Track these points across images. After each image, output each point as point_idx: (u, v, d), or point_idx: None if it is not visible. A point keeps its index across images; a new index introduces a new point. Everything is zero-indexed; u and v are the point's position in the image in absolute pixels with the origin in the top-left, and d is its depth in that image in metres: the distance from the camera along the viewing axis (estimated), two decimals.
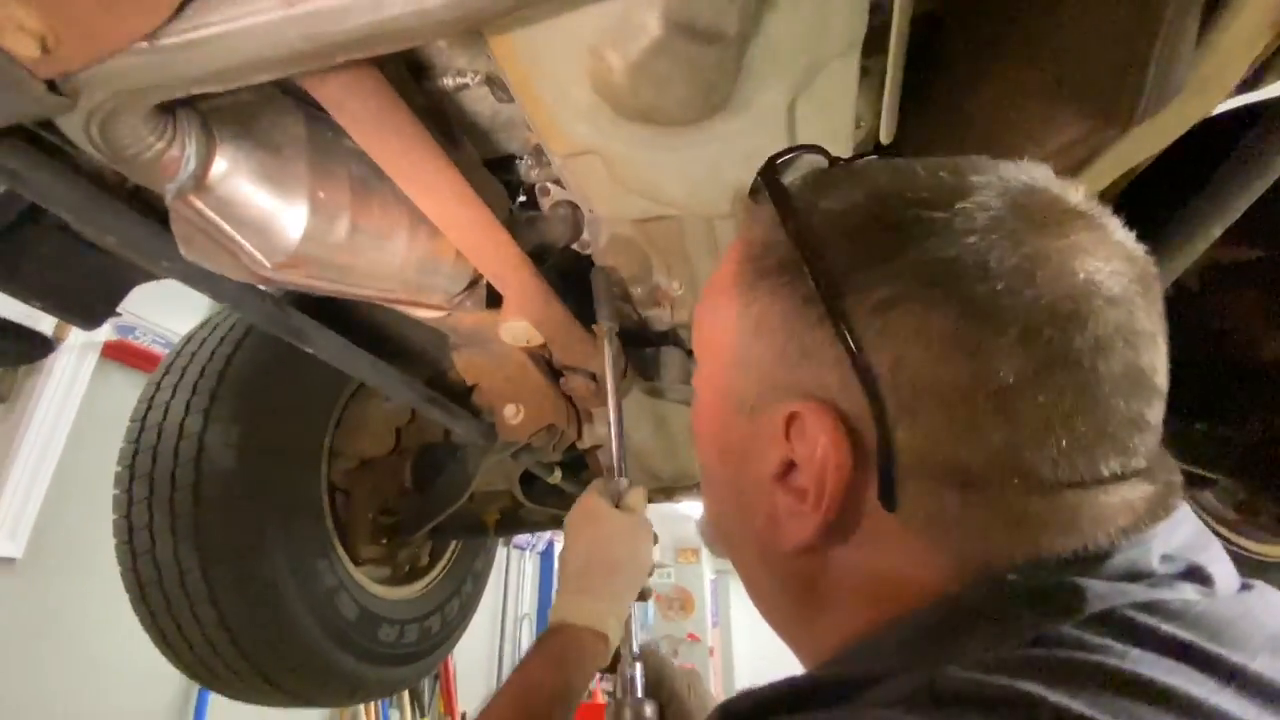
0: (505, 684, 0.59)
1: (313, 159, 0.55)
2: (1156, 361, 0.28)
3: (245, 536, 1.00)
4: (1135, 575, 0.27)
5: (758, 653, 6.76)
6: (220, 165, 0.50)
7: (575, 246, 0.94)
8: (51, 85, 0.35)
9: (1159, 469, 0.29)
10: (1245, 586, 0.30)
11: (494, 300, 0.86)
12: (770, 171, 0.34)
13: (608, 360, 0.79)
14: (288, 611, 1.02)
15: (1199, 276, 1.09)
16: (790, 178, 0.35)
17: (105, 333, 2.20)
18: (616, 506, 0.72)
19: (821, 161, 0.39)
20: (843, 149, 0.64)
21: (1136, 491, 0.28)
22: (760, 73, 0.51)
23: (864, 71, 0.65)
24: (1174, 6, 0.42)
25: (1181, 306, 1.17)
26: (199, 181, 0.49)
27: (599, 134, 0.56)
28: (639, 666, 0.67)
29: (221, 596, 0.97)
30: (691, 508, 1.52)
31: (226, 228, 0.53)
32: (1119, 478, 0.27)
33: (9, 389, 2.04)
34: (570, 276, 1.09)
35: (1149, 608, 0.26)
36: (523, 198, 0.90)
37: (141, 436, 1.05)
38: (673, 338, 1.20)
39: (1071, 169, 0.68)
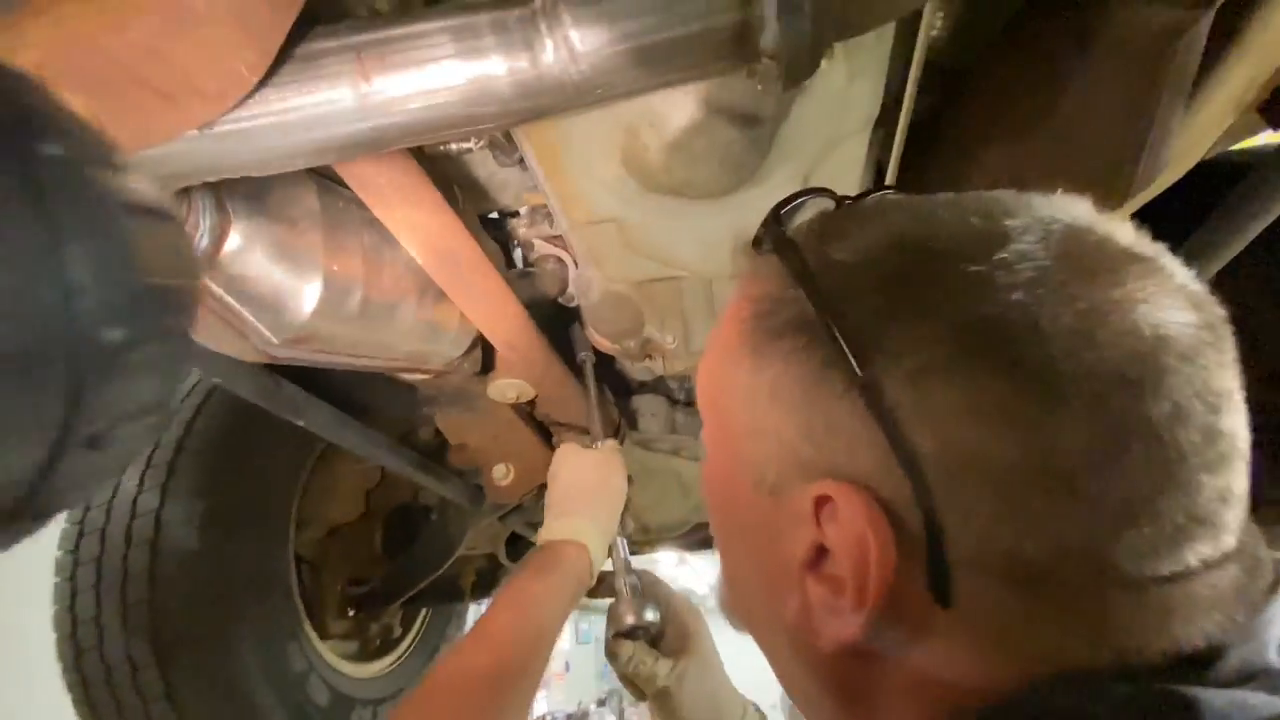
0: (496, 596, 0.62)
1: (327, 231, 0.53)
2: (1237, 423, 0.24)
3: (208, 624, 0.92)
4: (1250, 676, 0.23)
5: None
6: (233, 242, 0.47)
7: (561, 299, 0.94)
8: None
9: (1248, 542, 0.25)
10: None
11: (488, 361, 0.84)
12: (776, 222, 0.30)
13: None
14: (255, 705, 0.93)
15: None
16: (794, 225, 0.31)
17: None
18: None
19: (827, 204, 0.33)
20: None
21: (1228, 576, 0.24)
22: (784, 150, 0.53)
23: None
24: (1167, 95, 0.46)
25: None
26: (210, 260, 0.46)
27: (622, 205, 0.56)
28: (634, 578, 0.72)
29: (180, 695, 0.88)
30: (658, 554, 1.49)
31: (236, 305, 0.49)
32: (1210, 565, 0.23)
33: None
34: (554, 323, 1.08)
35: None
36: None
37: (87, 517, 0.95)
38: (656, 388, 1.20)
39: None
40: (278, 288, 0.50)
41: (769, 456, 0.28)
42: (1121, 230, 0.26)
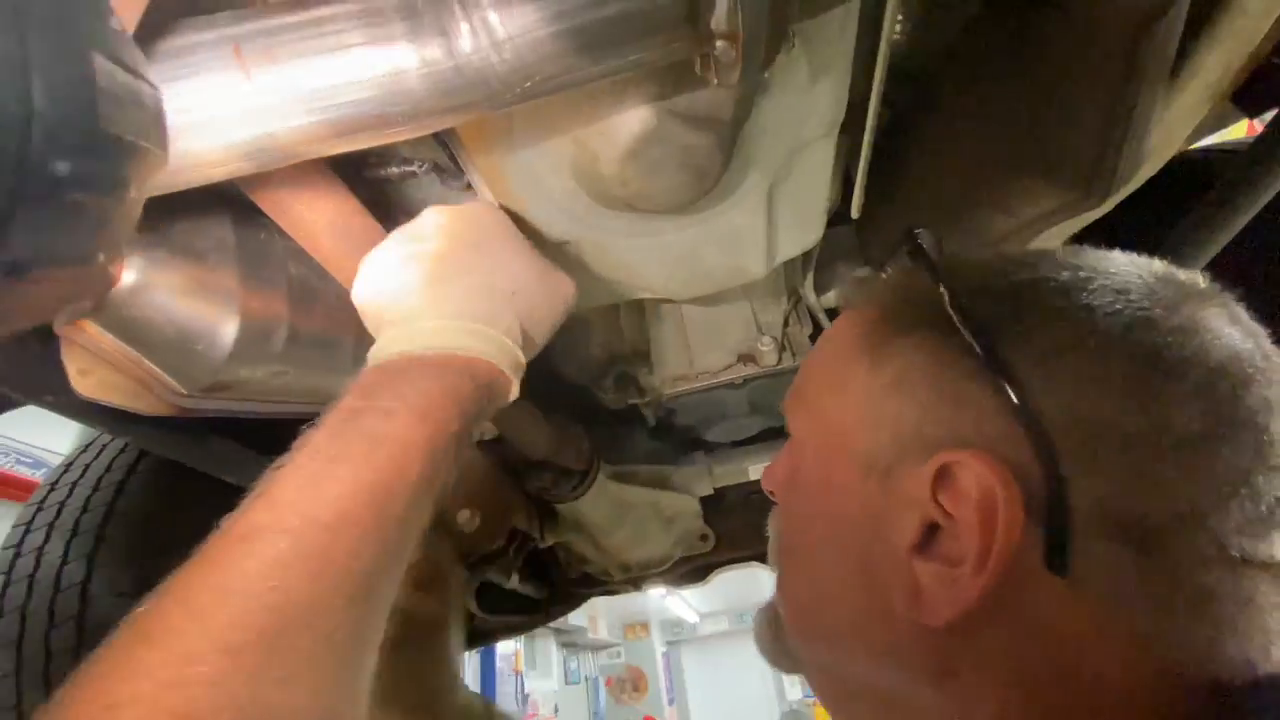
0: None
1: (244, 265, 0.47)
2: None
3: None
4: None
5: None
6: (126, 280, 0.41)
7: None
8: None
9: None
10: None
11: None
12: (912, 237, 0.33)
13: None
14: None
15: None
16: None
17: None
18: None
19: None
20: (819, 226, 0.63)
21: None
22: (747, 157, 0.49)
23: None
24: (1145, 88, 0.44)
25: None
26: (99, 302, 0.40)
27: (577, 224, 0.52)
28: None
29: None
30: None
31: (133, 353, 0.43)
32: None
33: None
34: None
35: None
36: None
37: (8, 591, 0.85)
38: (633, 416, 1.15)
39: (1034, 233, 0.70)
40: (184, 331, 0.44)
41: (883, 443, 0.30)
42: (1199, 278, 0.30)
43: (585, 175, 0.46)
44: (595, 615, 6.17)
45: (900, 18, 0.61)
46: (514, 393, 0.42)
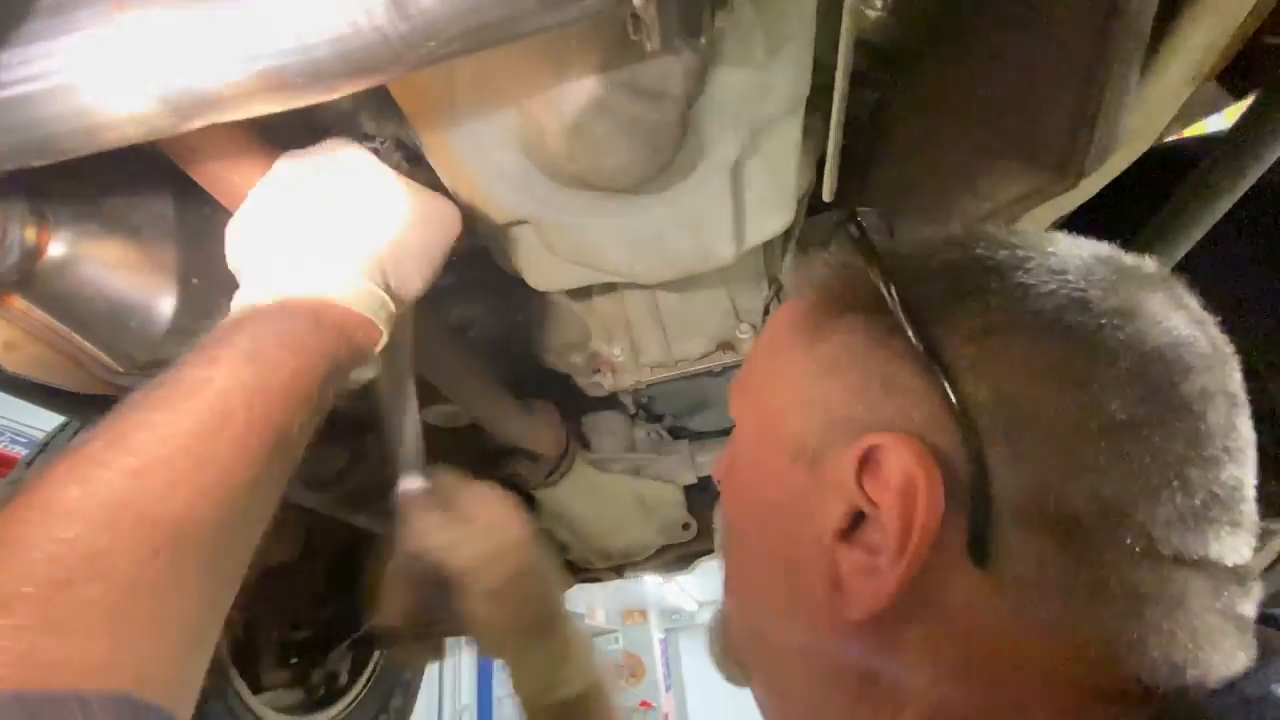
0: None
1: (183, 239, 0.46)
2: (1249, 430, 0.26)
3: None
4: None
5: (715, 715, 6.52)
6: (56, 253, 0.40)
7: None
8: None
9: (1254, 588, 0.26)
10: None
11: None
12: (852, 218, 0.32)
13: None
14: None
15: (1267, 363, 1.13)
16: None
17: None
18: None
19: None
20: (789, 208, 0.61)
21: (1244, 606, 0.25)
22: (706, 134, 0.47)
23: (806, 132, 0.63)
24: (1117, 64, 0.42)
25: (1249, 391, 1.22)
26: (25, 276, 0.39)
27: (531, 201, 0.50)
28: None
29: None
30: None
31: (63, 328, 0.42)
32: (1232, 573, 0.24)
33: None
34: (496, 343, 1.01)
35: None
36: None
37: None
38: (613, 404, 1.14)
39: (1011, 218, 0.68)
40: (117, 306, 0.43)
41: (812, 427, 0.29)
42: (1146, 261, 0.29)
43: (533, 149, 0.44)
44: (594, 604, 6.21)
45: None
46: (382, 334, 0.40)
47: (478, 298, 0.89)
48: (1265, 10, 0.49)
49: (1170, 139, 0.77)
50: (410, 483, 0.54)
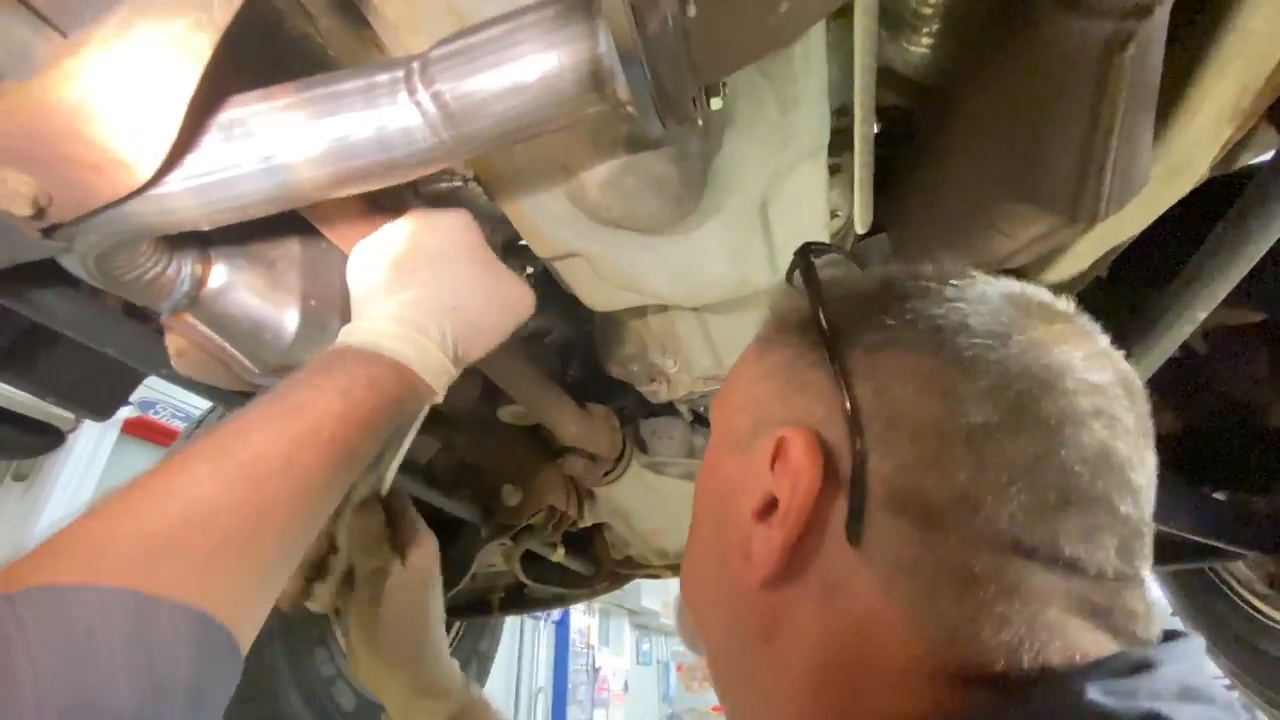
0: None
1: (305, 269, 0.57)
2: (1135, 457, 0.28)
3: None
4: (1191, 696, 0.25)
5: None
6: (214, 283, 0.53)
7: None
8: (49, 232, 0.37)
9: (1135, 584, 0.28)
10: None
11: (492, 384, 0.87)
12: (804, 254, 0.37)
13: None
14: (282, 705, 1.00)
15: (1205, 338, 1.07)
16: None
17: (125, 410, 2.26)
18: None
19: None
20: (820, 239, 0.65)
21: (1111, 604, 0.27)
22: (729, 181, 0.53)
23: (837, 168, 0.67)
24: (1124, 113, 0.43)
25: (1188, 370, 1.15)
26: (193, 299, 0.52)
27: (579, 239, 0.58)
28: None
29: None
30: None
31: (217, 339, 0.55)
32: (1085, 572, 0.26)
33: (29, 468, 2.09)
34: (568, 349, 1.10)
35: None
36: None
37: None
38: (672, 411, 1.20)
39: (1046, 256, 0.69)
40: (257, 322, 0.55)
41: (748, 424, 0.35)
42: (1063, 302, 0.33)
43: (576, 198, 0.52)
44: (669, 601, 6.28)
45: (925, 31, 0.61)
46: (439, 394, 0.48)
47: (552, 310, 0.99)
48: None
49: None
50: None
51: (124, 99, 0.32)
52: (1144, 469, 0.29)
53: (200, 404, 2.42)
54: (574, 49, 0.31)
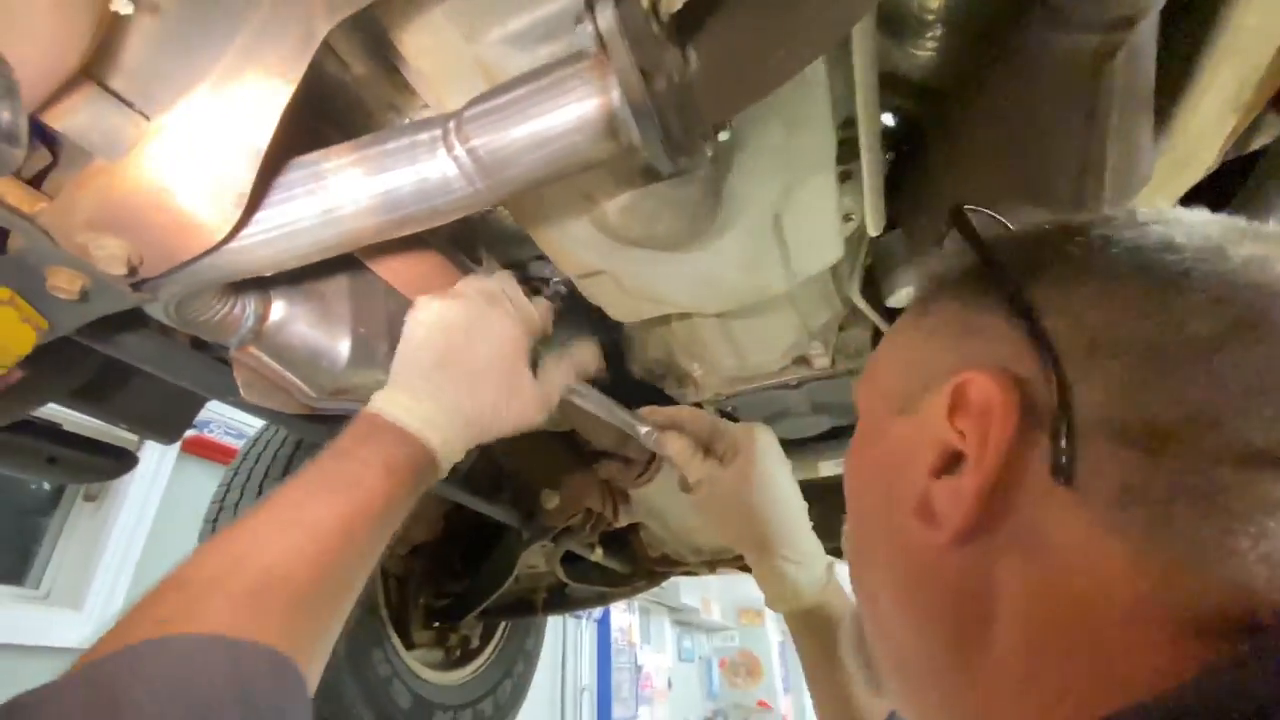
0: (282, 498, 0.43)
1: (354, 301, 0.62)
2: None
3: None
4: None
5: None
6: (274, 318, 0.58)
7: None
8: (138, 286, 0.43)
9: None
10: None
11: None
12: (957, 211, 0.36)
13: None
14: (343, 703, 1.06)
15: None
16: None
17: None
18: None
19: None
20: (833, 247, 0.68)
21: None
22: (741, 198, 0.56)
23: (848, 175, 0.70)
24: (1119, 116, 0.45)
25: None
26: (256, 334, 0.57)
27: (603, 258, 0.62)
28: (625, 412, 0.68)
29: None
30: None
31: (279, 368, 0.60)
32: None
33: (98, 489, 2.22)
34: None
35: None
36: None
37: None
38: None
39: None
40: (314, 351, 0.60)
41: (915, 383, 0.32)
42: (1269, 224, 0.29)
43: (599, 223, 0.56)
44: (708, 598, 6.31)
45: (931, 36, 0.63)
46: (443, 472, 0.53)
47: (583, 321, 1.03)
48: None
49: None
50: (647, 436, 0.70)
51: (203, 171, 0.36)
52: None
53: (251, 421, 2.55)
54: (590, 104, 0.34)
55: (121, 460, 1.02)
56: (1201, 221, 0.28)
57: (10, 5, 0.29)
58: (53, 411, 0.83)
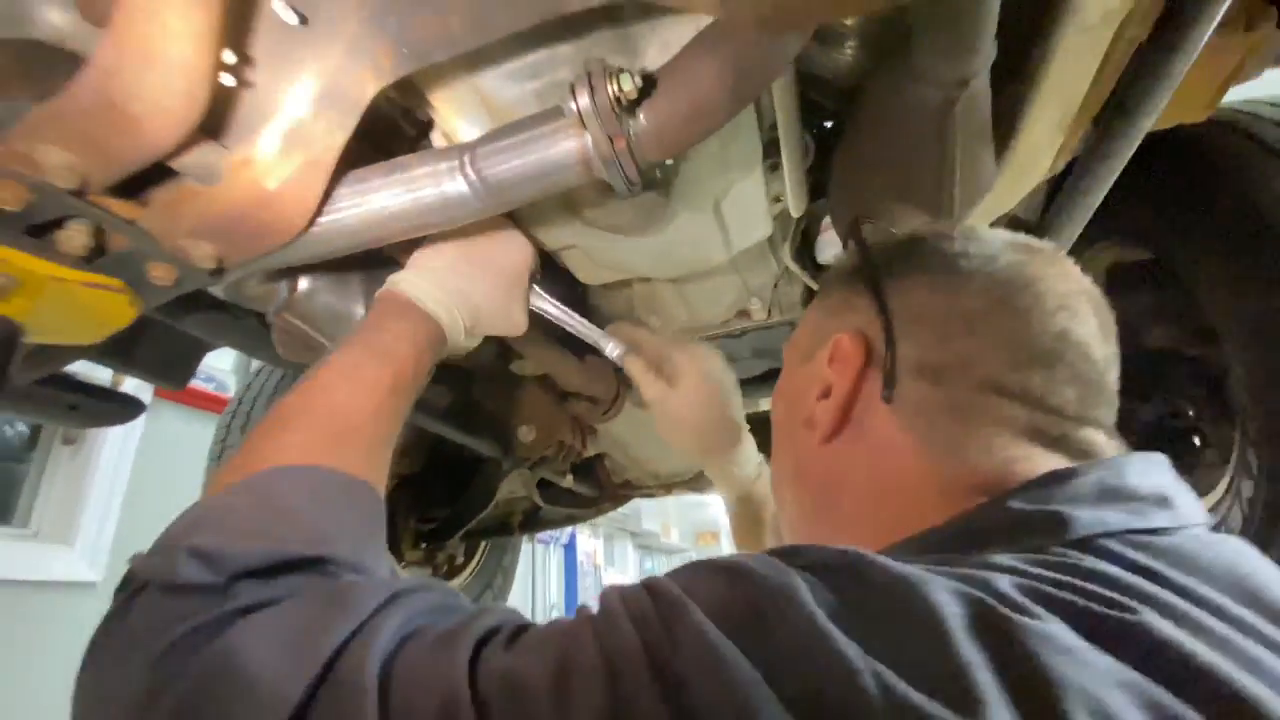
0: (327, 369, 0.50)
1: (365, 271, 0.75)
2: (1093, 341, 0.39)
3: None
4: (1111, 495, 0.32)
5: None
6: (301, 289, 0.70)
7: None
8: (215, 274, 0.55)
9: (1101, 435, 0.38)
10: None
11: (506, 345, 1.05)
12: (855, 224, 0.51)
13: None
14: None
15: (1106, 275, 1.26)
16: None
17: None
18: None
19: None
20: (764, 225, 0.82)
21: (1079, 432, 0.37)
22: (688, 194, 0.70)
23: (776, 166, 0.83)
24: (962, 145, 0.60)
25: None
26: (288, 303, 0.69)
27: (576, 236, 0.75)
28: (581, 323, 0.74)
29: None
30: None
31: (307, 329, 0.72)
32: (1050, 407, 0.37)
33: (76, 434, 2.28)
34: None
35: (1123, 538, 0.30)
36: None
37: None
38: None
39: None
40: (336, 314, 0.73)
41: (814, 341, 0.48)
42: (1042, 241, 0.45)
43: (574, 213, 0.69)
44: (668, 523, 6.72)
45: (850, 42, 0.76)
46: (451, 347, 0.61)
47: (553, 280, 1.16)
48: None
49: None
50: (612, 351, 0.77)
51: (280, 192, 0.48)
52: (1103, 349, 0.39)
53: (221, 367, 2.61)
54: (570, 149, 0.47)
55: (131, 407, 1.13)
56: (990, 237, 0.44)
57: (151, 81, 0.40)
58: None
